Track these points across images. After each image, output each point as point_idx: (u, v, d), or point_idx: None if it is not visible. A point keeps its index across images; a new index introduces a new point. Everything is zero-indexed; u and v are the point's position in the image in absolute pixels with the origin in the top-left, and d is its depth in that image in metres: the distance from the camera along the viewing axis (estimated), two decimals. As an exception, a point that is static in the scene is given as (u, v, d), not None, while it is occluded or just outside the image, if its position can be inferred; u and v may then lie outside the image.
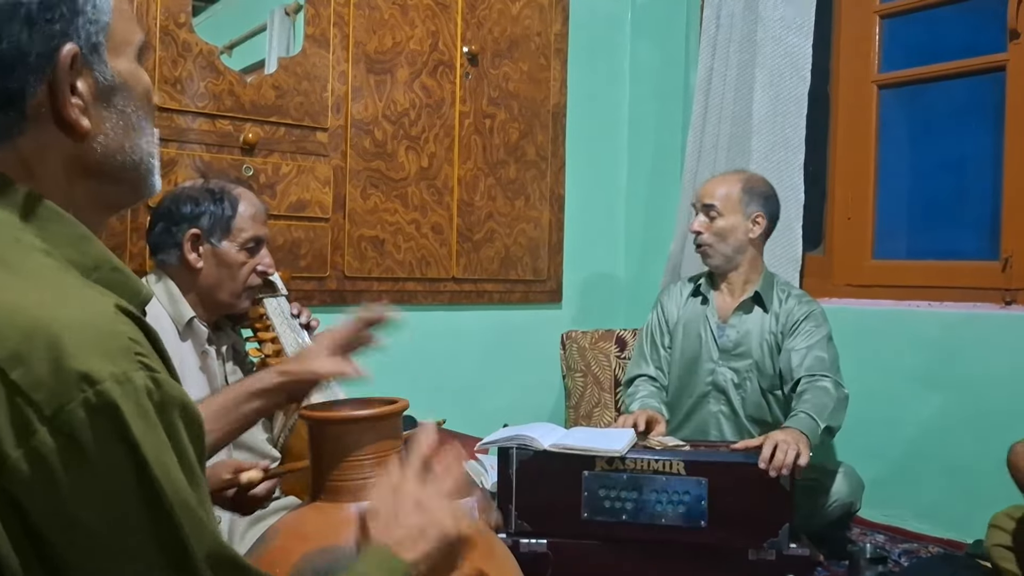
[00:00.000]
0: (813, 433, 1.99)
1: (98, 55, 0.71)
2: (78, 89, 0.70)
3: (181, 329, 1.67)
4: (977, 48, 2.64)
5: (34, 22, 0.66)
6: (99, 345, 0.61)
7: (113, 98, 0.73)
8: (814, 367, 2.20)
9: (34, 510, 0.59)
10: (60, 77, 0.68)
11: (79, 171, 0.72)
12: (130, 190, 0.78)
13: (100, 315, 0.63)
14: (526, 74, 3.08)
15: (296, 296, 2.35)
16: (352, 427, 1.08)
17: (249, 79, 2.50)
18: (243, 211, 1.74)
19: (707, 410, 2.38)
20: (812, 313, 2.30)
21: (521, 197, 3.08)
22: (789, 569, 1.85)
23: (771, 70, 2.81)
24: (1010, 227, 2.51)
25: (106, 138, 0.73)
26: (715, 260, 2.36)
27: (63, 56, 0.67)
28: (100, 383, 0.59)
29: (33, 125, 0.68)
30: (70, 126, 0.70)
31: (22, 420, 0.58)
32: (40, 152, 0.70)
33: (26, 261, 0.65)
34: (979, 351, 2.44)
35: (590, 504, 1.91)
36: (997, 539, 1.77)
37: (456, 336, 2.95)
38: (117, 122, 0.74)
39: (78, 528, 0.60)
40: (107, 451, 0.60)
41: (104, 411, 0.59)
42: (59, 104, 0.69)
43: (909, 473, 2.57)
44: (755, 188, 2.36)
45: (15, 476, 0.58)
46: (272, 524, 1.15)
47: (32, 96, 0.67)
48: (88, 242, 0.70)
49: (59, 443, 0.58)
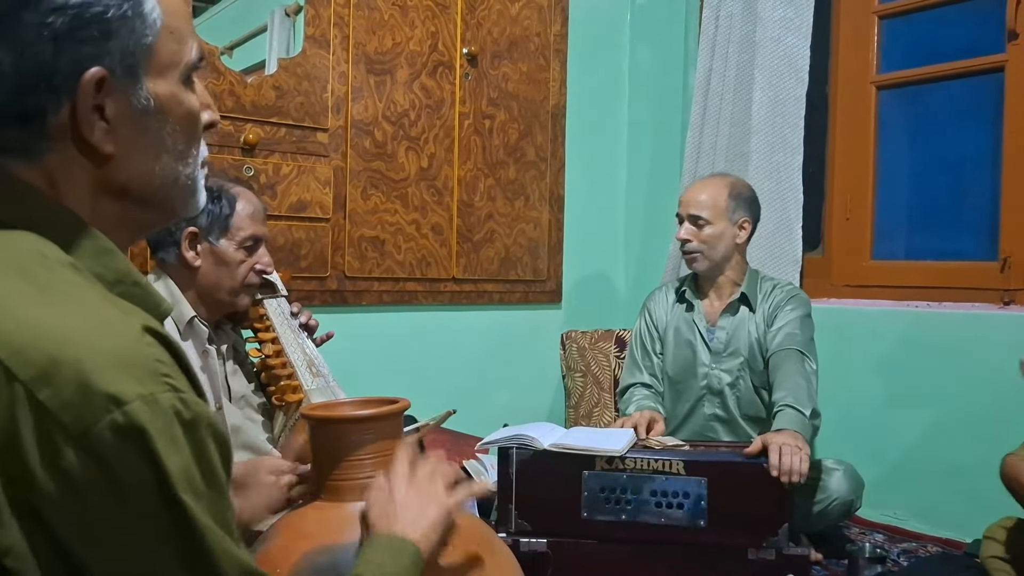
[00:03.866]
0: (804, 427, 2.00)
1: (133, 78, 0.69)
2: (106, 112, 0.68)
3: (182, 328, 1.67)
4: (976, 49, 2.64)
5: (60, 42, 0.65)
6: (126, 366, 0.60)
7: (146, 121, 0.71)
8: (784, 342, 2.23)
9: (61, 530, 0.59)
10: (83, 100, 0.66)
11: (105, 192, 0.71)
12: (159, 213, 0.77)
13: (127, 336, 0.63)
14: (525, 75, 3.08)
15: (297, 296, 2.36)
16: (352, 427, 1.09)
17: (249, 80, 2.50)
18: (241, 210, 1.74)
19: (702, 413, 2.38)
20: (792, 297, 2.33)
21: (521, 197, 3.09)
22: (788, 569, 1.85)
23: (770, 71, 2.81)
24: (1009, 227, 2.52)
25: (132, 162, 0.71)
26: (702, 266, 2.36)
27: (87, 79, 0.66)
28: (127, 404, 0.59)
29: (57, 144, 0.68)
30: (91, 149, 0.68)
31: (49, 440, 0.58)
32: (66, 170, 0.69)
33: (52, 277, 0.64)
34: (978, 351, 2.44)
35: (590, 504, 1.92)
36: (992, 551, 1.76)
37: (456, 336, 2.95)
38: (148, 146, 0.72)
39: (105, 549, 0.60)
40: (134, 472, 0.60)
41: (131, 432, 0.59)
42: (80, 126, 0.67)
43: (908, 473, 2.58)
44: (741, 194, 2.36)
45: (42, 496, 0.58)
46: (273, 524, 1.15)
47: (54, 116, 0.66)
48: (111, 256, 0.70)
49: (86, 464, 0.58)
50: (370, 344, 2.69)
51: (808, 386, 2.13)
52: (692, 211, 2.34)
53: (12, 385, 0.58)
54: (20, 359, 0.59)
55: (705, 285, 2.43)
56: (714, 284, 2.40)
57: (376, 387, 1.57)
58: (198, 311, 1.71)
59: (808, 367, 2.19)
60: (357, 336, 2.61)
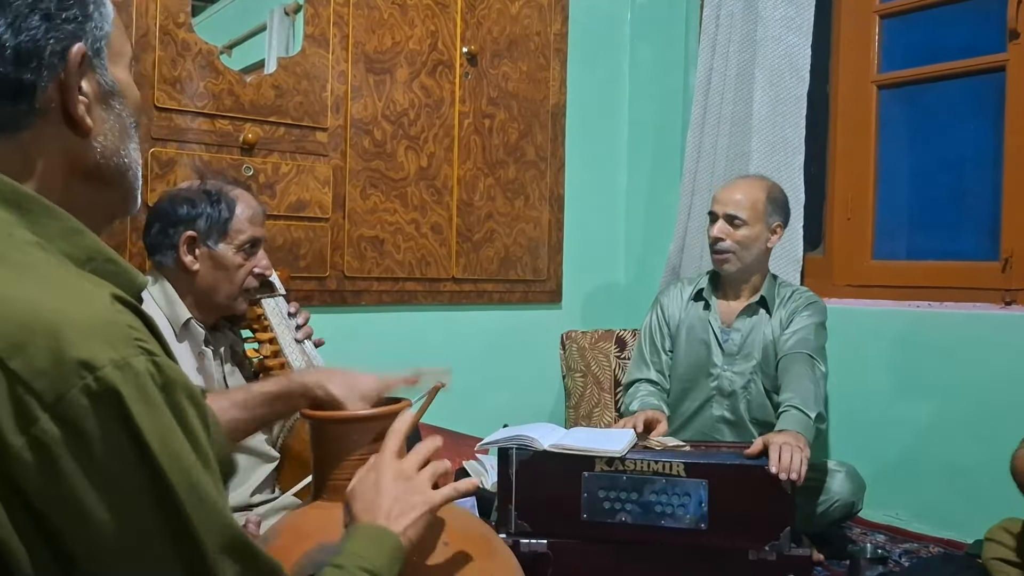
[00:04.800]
0: (807, 429, 1.99)
1: (100, 60, 0.75)
2: (83, 88, 0.73)
3: (178, 331, 1.67)
4: (977, 48, 2.64)
5: (51, 20, 0.70)
6: (98, 332, 0.61)
7: (111, 101, 0.76)
8: (796, 346, 2.22)
9: (39, 500, 0.59)
10: (71, 74, 0.71)
11: (78, 172, 0.74)
12: (121, 198, 0.80)
13: (97, 304, 0.63)
14: (525, 74, 3.07)
15: (296, 296, 2.35)
16: (352, 427, 1.08)
17: (249, 79, 2.50)
18: (240, 213, 1.73)
19: (709, 414, 2.36)
20: (810, 304, 2.31)
21: (521, 197, 3.08)
22: (790, 570, 1.85)
23: (771, 70, 2.80)
24: (1010, 227, 2.51)
25: (105, 139, 0.76)
26: (733, 267, 2.31)
27: (74, 54, 0.71)
28: (100, 369, 0.59)
29: (40, 120, 0.71)
30: (76, 123, 0.73)
31: (23, 409, 0.58)
32: (42, 148, 0.72)
33: (20, 255, 0.65)
34: (979, 351, 2.43)
35: (590, 505, 1.91)
36: (995, 552, 1.74)
37: (456, 336, 2.95)
38: (114, 125, 0.77)
39: (84, 517, 0.60)
40: (110, 437, 0.60)
41: (105, 397, 0.59)
42: (68, 100, 0.71)
43: (909, 473, 2.57)
44: (777, 198, 2.34)
45: (18, 465, 0.58)
46: (273, 524, 1.15)
47: (43, 91, 0.70)
48: (80, 235, 0.71)
49: (61, 430, 0.59)
50: (370, 344, 2.68)
51: (815, 389, 2.11)
52: (730, 210, 2.28)
53: None
54: None
55: (726, 286, 2.39)
56: (735, 285, 2.37)
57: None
58: (195, 314, 1.70)
59: (818, 371, 2.17)
60: (356, 336, 2.61)
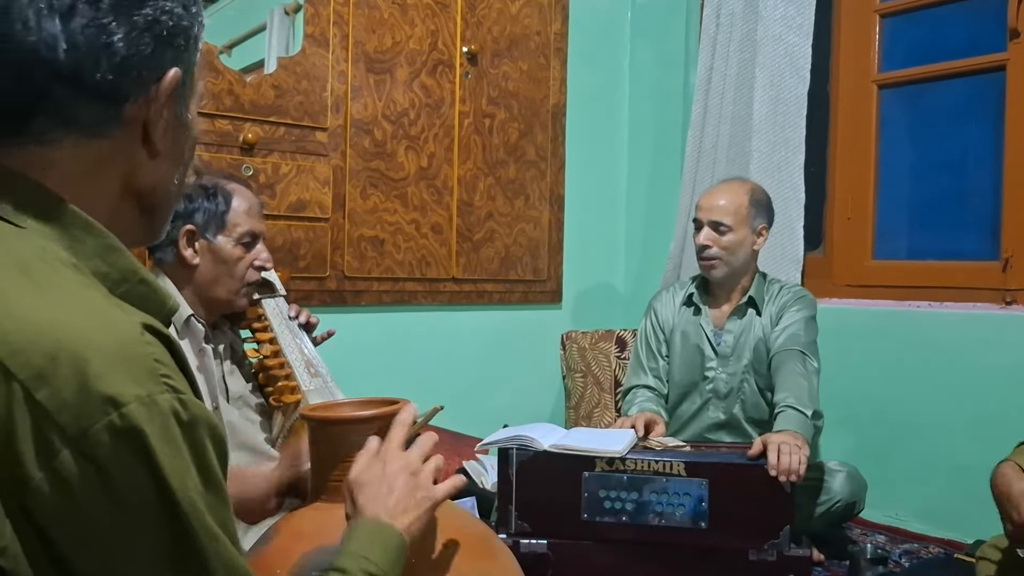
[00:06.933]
0: (805, 428, 1.99)
1: (184, 90, 0.75)
2: (163, 113, 0.73)
3: (179, 327, 1.66)
4: (977, 48, 2.64)
5: (161, 41, 0.70)
6: (124, 365, 0.60)
7: (181, 133, 0.77)
8: (786, 343, 2.22)
9: (56, 533, 0.59)
10: (161, 95, 0.71)
11: (131, 192, 0.74)
12: (153, 228, 0.79)
13: (126, 335, 0.62)
14: (526, 74, 3.07)
15: (296, 296, 2.35)
16: (352, 427, 1.08)
17: (249, 79, 2.49)
18: (237, 206, 1.73)
19: (706, 416, 2.37)
20: (799, 299, 2.31)
21: (521, 197, 3.08)
22: (790, 569, 1.84)
23: (771, 69, 2.80)
24: (1010, 227, 2.51)
25: (163, 167, 0.76)
26: (720, 273, 2.32)
27: (170, 78, 0.71)
28: (125, 406, 0.59)
29: (120, 132, 0.71)
30: (151, 143, 0.73)
31: (45, 442, 0.58)
32: (112, 160, 0.71)
33: (52, 275, 0.64)
34: (979, 351, 2.43)
35: (590, 505, 1.91)
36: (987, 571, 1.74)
37: (456, 336, 2.95)
38: (177, 157, 0.77)
39: (100, 553, 0.60)
40: (130, 475, 0.59)
41: (128, 435, 0.59)
42: (151, 119, 0.72)
43: (910, 473, 2.57)
44: (760, 201, 2.33)
45: (37, 498, 0.58)
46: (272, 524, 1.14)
47: (133, 103, 0.70)
48: (117, 253, 0.70)
49: (82, 466, 0.58)
50: (370, 344, 2.68)
51: (809, 386, 2.12)
52: (714, 217, 2.29)
53: (10, 384, 0.58)
54: (19, 358, 0.58)
55: (716, 290, 2.40)
56: (725, 289, 2.38)
57: (376, 387, 1.56)
58: (196, 310, 1.70)
59: (809, 366, 2.17)
60: (356, 336, 2.60)
